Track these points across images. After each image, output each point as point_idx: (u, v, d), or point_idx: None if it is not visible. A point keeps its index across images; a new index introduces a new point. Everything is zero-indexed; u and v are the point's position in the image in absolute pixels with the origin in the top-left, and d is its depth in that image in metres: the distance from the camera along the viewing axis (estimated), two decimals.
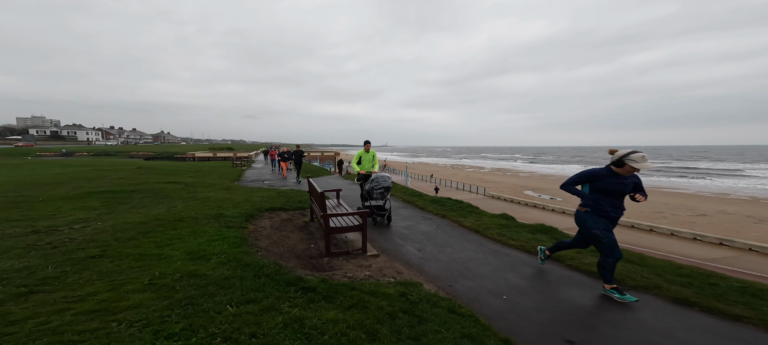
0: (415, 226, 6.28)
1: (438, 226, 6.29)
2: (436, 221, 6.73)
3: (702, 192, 40.18)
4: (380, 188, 6.02)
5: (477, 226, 6.07)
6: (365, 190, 6.25)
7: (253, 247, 4.08)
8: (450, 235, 5.72)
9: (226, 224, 4.89)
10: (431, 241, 5.33)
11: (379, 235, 5.56)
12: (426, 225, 6.40)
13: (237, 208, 6.15)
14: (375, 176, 6.17)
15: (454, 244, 5.17)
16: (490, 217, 6.71)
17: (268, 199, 7.59)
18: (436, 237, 5.55)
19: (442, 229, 6.08)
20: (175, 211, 5.51)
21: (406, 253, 4.72)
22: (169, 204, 6.38)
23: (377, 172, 6.38)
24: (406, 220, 6.69)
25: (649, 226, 18.23)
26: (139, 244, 3.70)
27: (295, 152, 15.02)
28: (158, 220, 4.76)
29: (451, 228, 6.20)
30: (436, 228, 6.18)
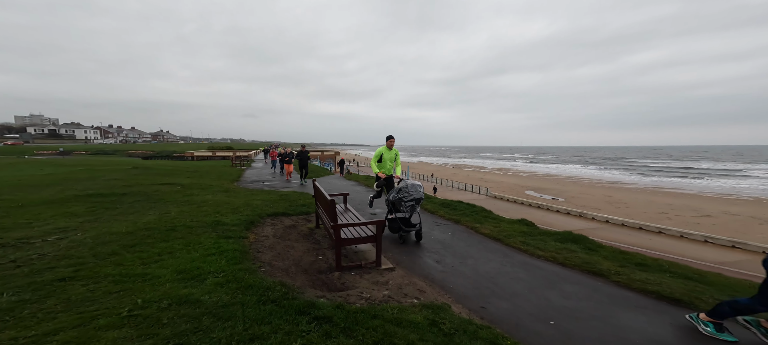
0: (428, 232, 5.80)
1: (453, 233, 5.81)
2: (450, 227, 6.26)
3: (704, 192, 39.90)
4: (410, 200, 5.00)
5: (496, 233, 5.60)
6: (390, 199, 5.30)
7: (254, 262, 3.59)
8: (468, 243, 5.25)
9: (224, 234, 4.40)
10: (449, 250, 4.86)
11: (390, 243, 5.08)
12: (440, 231, 5.92)
13: (236, 214, 5.65)
14: (404, 185, 5.15)
15: (476, 254, 4.69)
16: (508, 223, 6.24)
17: (269, 203, 7.09)
18: (453, 246, 5.08)
19: (459, 237, 5.60)
20: (168, 219, 5.01)
21: (424, 266, 4.25)
22: (162, 209, 5.87)
23: (406, 180, 5.24)
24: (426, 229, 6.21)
25: (658, 228, 17.83)
26: (121, 260, 3.19)
27: (300, 153, 13.72)
28: (147, 229, 4.26)
29: (467, 235, 5.73)
30: (452, 235, 5.71)
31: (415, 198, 5.01)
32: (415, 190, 5.06)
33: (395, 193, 5.20)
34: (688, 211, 28.21)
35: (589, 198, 34.36)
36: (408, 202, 5.02)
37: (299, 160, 13.63)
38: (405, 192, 5.08)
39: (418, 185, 5.14)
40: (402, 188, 5.13)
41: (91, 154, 47.62)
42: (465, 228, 6.18)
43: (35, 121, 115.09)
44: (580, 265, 3.92)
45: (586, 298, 3.26)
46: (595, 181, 51.48)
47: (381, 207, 8.39)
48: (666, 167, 71.07)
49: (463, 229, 6.14)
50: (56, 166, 17.94)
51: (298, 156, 13.69)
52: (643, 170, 65.30)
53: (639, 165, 78.82)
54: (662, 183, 49.23)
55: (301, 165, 13.57)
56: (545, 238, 5.19)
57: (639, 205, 31.61)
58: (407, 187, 5.11)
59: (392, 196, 5.26)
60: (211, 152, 51.75)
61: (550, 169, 71.25)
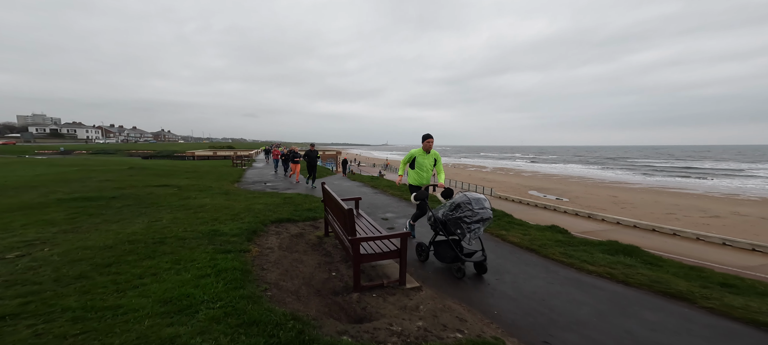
0: None
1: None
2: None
3: (710, 192, 39.31)
4: (476, 221, 3.60)
5: (528, 242, 4.98)
6: (438, 218, 3.91)
7: (259, 284, 2.97)
8: (499, 254, 4.63)
9: (222, 246, 3.77)
10: None
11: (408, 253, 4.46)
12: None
13: (236, 222, 5.03)
14: (463, 199, 3.74)
15: (512, 268, 4.08)
16: (538, 230, 5.62)
17: (272, 208, 6.47)
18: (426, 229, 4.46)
19: (486, 246, 4.97)
20: (158, 228, 4.38)
21: (455, 284, 3.63)
22: (153, 216, 5.24)
23: (468, 194, 3.78)
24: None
25: (672, 230, 17.22)
26: (89, 286, 2.56)
27: (308, 153, 12.30)
28: (131, 242, 3.63)
29: (495, 245, 5.10)
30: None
31: (482, 217, 3.62)
32: (481, 207, 3.67)
33: (448, 210, 3.83)
34: (696, 211, 27.60)
35: (594, 198, 33.74)
36: (472, 223, 3.59)
37: (308, 160, 12.35)
38: (466, 209, 3.64)
39: (483, 199, 3.74)
40: (461, 203, 3.71)
41: (92, 154, 47.05)
42: (489, 235, 5.56)
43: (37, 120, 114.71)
44: (648, 284, 3.30)
45: (684, 332, 2.61)
46: (598, 180, 50.89)
47: (392, 211, 7.78)
48: (669, 167, 70.52)
49: (488, 236, 5.52)
50: (50, 166, 17.29)
51: (307, 156, 12.38)
52: (645, 170, 64.75)
53: (641, 165, 78.26)
54: (667, 183, 48.67)
55: (310, 166, 12.31)
56: (588, 248, 4.57)
57: (645, 205, 31.00)
58: (469, 202, 3.68)
59: (442, 212, 3.92)
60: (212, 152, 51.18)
61: (552, 169, 70.67)
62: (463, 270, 3.77)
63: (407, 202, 9.11)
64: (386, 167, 58.89)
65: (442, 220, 3.89)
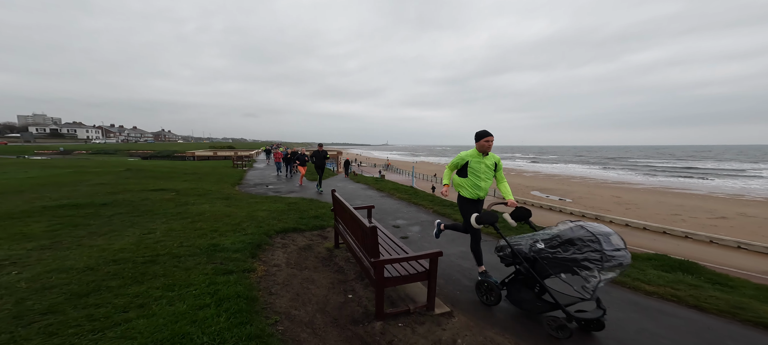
0: (466, 251, 4.71)
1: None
2: (493, 242, 5.16)
3: (714, 193, 38.96)
4: (610, 267, 2.33)
5: None
6: (525, 253, 2.81)
7: (268, 315, 2.51)
8: None
9: (223, 265, 3.30)
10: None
11: None
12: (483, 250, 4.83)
13: (238, 233, 4.55)
14: (583, 233, 2.50)
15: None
16: None
17: (276, 215, 6.00)
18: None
19: None
20: (150, 242, 3.90)
21: (490, 308, 3.17)
22: (146, 226, 4.76)
23: (587, 225, 2.57)
24: (455, 243, 5.11)
25: (684, 232, 16.79)
26: (58, 325, 2.07)
27: (316, 153, 11.26)
28: (117, 261, 3.16)
29: None
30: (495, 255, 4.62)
31: (619, 262, 2.31)
32: (614, 247, 2.35)
33: (546, 245, 2.67)
34: (702, 212, 27.23)
35: (598, 199, 33.36)
36: (602, 270, 2.30)
37: (316, 161, 11.25)
38: (588, 248, 2.38)
39: (611, 234, 2.44)
40: (577, 239, 2.46)
41: (92, 154, 46.58)
42: None
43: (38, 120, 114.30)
44: (729, 310, 2.83)
45: None
46: (600, 181, 50.51)
47: (402, 217, 7.28)
48: (670, 167, 70.20)
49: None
50: (44, 168, 16.78)
51: (314, 157, 11.27)
52: (647, 170, 64.44)
53: (642, 165, 77.98)
54: (670, 183, 48.34)
55: (318, 168, 11.21)
56: (636, 263, 4.10)
57: (649, 205, 30.65)
58: (594, 238, 2.39)
59: (530, 245, 2.80)
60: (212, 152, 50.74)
61: (553, 169, 70.31)
62: (568, 329, 2.53)
63: (417, 206, 8.63)
64: (387, 167, 58.44)
65: (532, 256, 2.74)
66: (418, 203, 8.98)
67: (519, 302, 2.95)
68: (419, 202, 9.11)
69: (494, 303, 3.17)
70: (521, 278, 2.94)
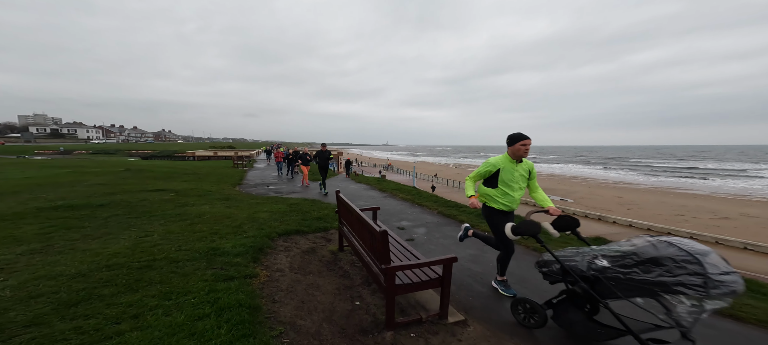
0: (483, 256, 4.54)
1: (515, 258, 4.54)
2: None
3: (716, 193, 38.79)
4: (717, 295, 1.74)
5: None
6: (581, 271, 2.32)
7: (272, 326, 2.33)
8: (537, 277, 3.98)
9: (223, 271, 3.12)
10: (533, 283, 3.61)
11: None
12: (494, 254, 4.65)
13: (239, 235, 4.38)
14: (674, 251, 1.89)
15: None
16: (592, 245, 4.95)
17: (278, 217, 5.82)
18: (527, 279, 3.82)
19: (522, 264, 4.34)
20: (147, 245, 3.72)
21: (508, 314, 2.99)
22: (144, 228, 4.58)
23: (676, 240, 1.97)
24: (463, 245, 4.93)
25: (689, 232, 16.61)
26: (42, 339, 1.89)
27: (320, 153, 10.81)
28: (111, 267, 2.97)
29: (533, 259, 4.45)
30: (514, 260, 4.45)
31: (732, 289, 1.74)
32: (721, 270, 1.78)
33: (609, 261, 2.17)
34: (704, 212, 27.06)
35: (599, 199, 33.19)
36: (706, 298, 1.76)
37: (319, 162, 10.76)
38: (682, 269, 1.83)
39: (709, 252, 1.86)
40: (665, 258, 1.90)
41: (92, 154, 46.56)
42: (523, 249, 4.91)
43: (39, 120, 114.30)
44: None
45: None
46: (602, 181, 50.35)
47: (406, 219, 7.10)
48: (672, 167, 70.03)
49: (527, 251, 4.87)
50: (42, 168, 16.61)
51: (318, 157, 10.76)
52: (648, 170, 64.30)
53: (643, 165, 77.81)
54: (671, 183, 48.18)
55: (321, 168, 10.74)
56: None
57: (651, 206, 30.48)
58: (692, 257, 1.83)
59: (585, 261, 2.33)
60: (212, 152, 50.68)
61: (553, 169, 70.18)
62: None
63: (421, 207, 8.46)
64: (388, 167, 58.24)
65: (591, 275, 2.23)
66: (421, 204, 8.80)
67: (570, 326, 2.48)
68: (423, 202, 8.93)
69: (537, 325, 2.69)
70: (572, 298, 2.47)
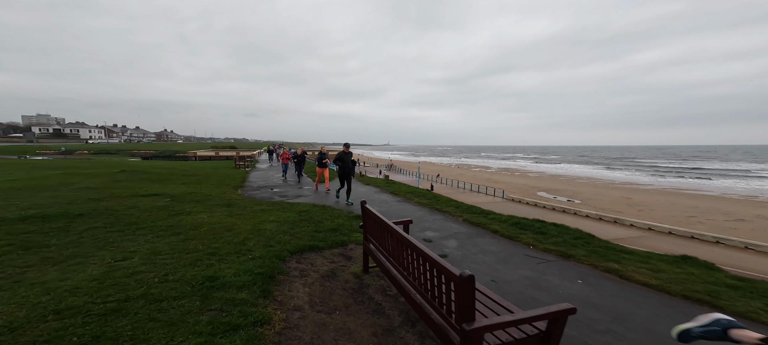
0: (534, 277, 3.67)
1: (587, 283, 3.65)
2: (561, 265, 4.11)
3: (727, 194, 37.97)
4: None
5: (670, 284, 3.44)
6: None
7: None
8: (640, 306, 3.10)
9: (224, 314, 2.25)
10: (625, 328, 2.74)
11: None
12: (556, 277, 3.78)
13: (243, 255, 3.51)
14: None
15: None
16: (668, 263, 4.08)
17: (287, 228, 4.95)
18: (624, 317, 2.94)
19: (605, 290, 3.46)
20: (122, 273, 2.83)
21: None
22: (124, 247, 3.70)
23: None
24: (510, 265, 4.06)
25: (715, 237, 15.73)
26: None
27: (341, 156, 8.28)
28: (63, 312, 2.08)
29: (619, 288, 3.55)
30: (586, 285, 3.58)
31: None
32: None
33: None
34: (718, 214, 26.22)
35: (607, 200, 32.33)
36: None
37: (342, 167, 8.28)
38: None
39: None
40: None
41: (93, 154, 46.20)
42: (600, 272, 4.00)
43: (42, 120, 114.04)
44: None
45: None
46: (608, 181, 49.51)
47: (431, 228, 6.15)
48: (677, 167, 69.17)
49: (600, 275, 3.95)
50: (33, 169, 15.76)
51: (339, 160, 8.31)
52: (654, 170, 63.48)
53: (648, 165, 76.96)
54: (680, 184, 47.37)
55: (343, 174, 8.30)
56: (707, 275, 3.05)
57: (661, 207, 29.65)
58: None
59: None
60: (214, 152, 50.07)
61: (557, 169, 69.34)
62: None
63: (443, 214, 7.58)
64: (390, 168, 57.29)
65: None
66: (442, 210, 7.92)
67: None
68: (443, 208, 8.04)
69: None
70: None
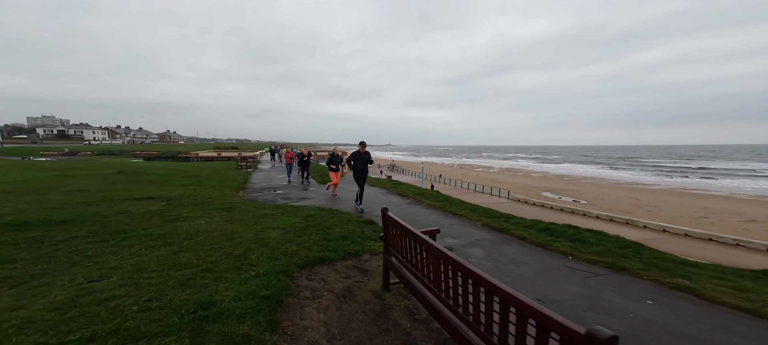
0: (588, 295, 3.13)
1: (659, 304, 3.10)
2: (613, 281, 3.57)
3: (736, 194, 37.27)
4: None
5: (760, 306, 2.90)
6: None
7: None
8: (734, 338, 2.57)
9: None
10: None
11: None
12: (615, 295, 3.24)
13: (245, 272, 2.99)
14: None
15: None
16: (748, 279, 3.53)
17: (294, 236, 4.42)
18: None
19: (688, 316, 2.92)
20: (92, 300, 2.29)
21: None
22: (102, 263, 3.17)
23: None
24: (553, 279, 3.51)
25: (735, 240, 15.14)
26: None
27: (354, 157, 7.44)
28: None
29: (703, 313, 2.99)
30: (659, 307, 3.03)
31: None
32: None
33: None
34: (729, 215, 25.55)
35: (614, 200, 31.69)
36: None
37: (355, 168, 7.45)
38: None
39: None
40: None
41: (96, 155, 46.50)
42: (660, 287, 3.44)
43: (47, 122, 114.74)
44: None
45: None
46: (613, 181, 48.81)
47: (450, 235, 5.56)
48: (683, 167, 68.35)
49: (659, 289, 3.40)
50: (27, 170, 15.30)
51: (352, 161, 7.42)
52: (659, 170, 62.71)
53: (652, 165, 76.16)
54: (687, 184, 46.65)
55: (358, 177, 7.50)
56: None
57: (670, 208, 28.97)
58: None
59: None
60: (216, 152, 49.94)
61: (560, 169, 68.63)
62: None
63: (459, 218, 7.04)
64: (392, 168, 56.70)
65: None
66: (457, 213, 7.37)
67: None
68: (458, 211, 7.49)
69: None
70: None
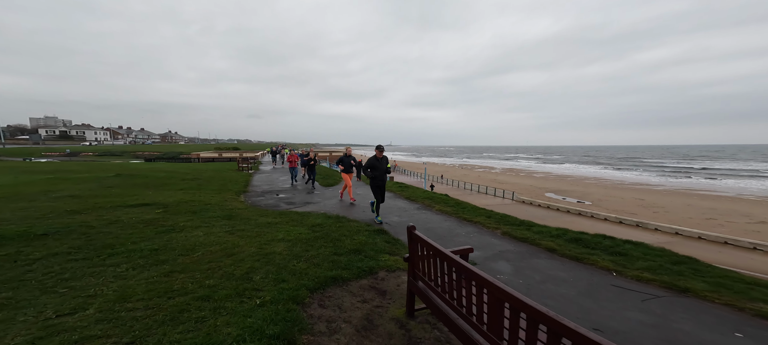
0: (656, 325, 2.68)
1: (751, 338, 2.65)
2: (679, 305, 3.11)
3: (743, 195, 36.75)
4: None
5: None
6: None
7: None
8: None
9: None
10: None
11: None
12: (691, 325, 2.78)
13: (248, 298, 2.53)
14: None
15: None
16: None
17: (300, 250, 3.96)
18: None
19: None
20: (58, 343, 1.86)
21: None
22: (80, 288, 2.70)
23: None
24: (602, 302, 3.05)
25: (752, 243, 14.66)
26: None
27: (372, 163, 6.57)
28: None
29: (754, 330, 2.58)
30: (751, 341, 2.58)
31: None
32: None
33: None
34: (738, 216, 25.05)
35: (619, 201, 31.20)
36: None
37: (371, 175, 6.55)
38: None
39: None
40: None
41: (98, 156, 46.43)
42: (741, 314, 2.96)
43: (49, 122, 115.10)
44: None
45: None
46: (616, 182, 48.29)
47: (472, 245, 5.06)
48: (687, 167, 67.78)
49: (742, 317, 2.91)
50: (21, 172, 14.86)
51: (369, 168, 6.55)
52: (660, 170, 62.18)
53: (655, 165, 75.58)
54: (691, 184, 46.14)
55: (375, 187, 6.55)
56: None
57: (677, 209, 28.48)
58: None
59: None
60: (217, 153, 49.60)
61: (563, 170, 68.11)
62: None
63: (475, 225, 6.57)
64: (394, 168, 56.28)
65: None
66: (472, 220, 6.89)
67: None
68: (473, 218, 7.01)
69: None
70: None
